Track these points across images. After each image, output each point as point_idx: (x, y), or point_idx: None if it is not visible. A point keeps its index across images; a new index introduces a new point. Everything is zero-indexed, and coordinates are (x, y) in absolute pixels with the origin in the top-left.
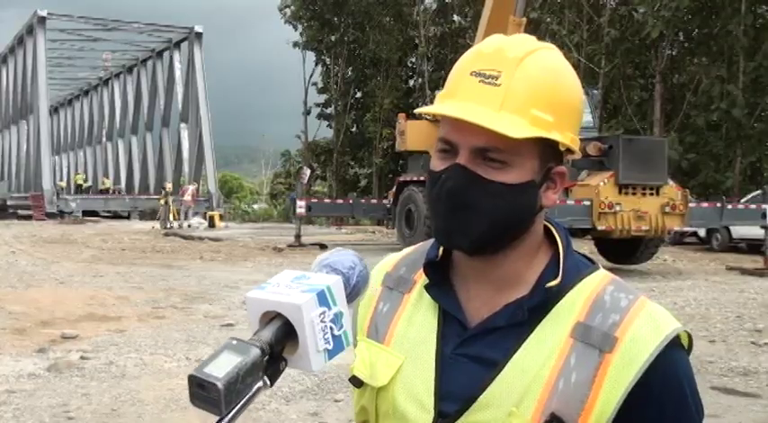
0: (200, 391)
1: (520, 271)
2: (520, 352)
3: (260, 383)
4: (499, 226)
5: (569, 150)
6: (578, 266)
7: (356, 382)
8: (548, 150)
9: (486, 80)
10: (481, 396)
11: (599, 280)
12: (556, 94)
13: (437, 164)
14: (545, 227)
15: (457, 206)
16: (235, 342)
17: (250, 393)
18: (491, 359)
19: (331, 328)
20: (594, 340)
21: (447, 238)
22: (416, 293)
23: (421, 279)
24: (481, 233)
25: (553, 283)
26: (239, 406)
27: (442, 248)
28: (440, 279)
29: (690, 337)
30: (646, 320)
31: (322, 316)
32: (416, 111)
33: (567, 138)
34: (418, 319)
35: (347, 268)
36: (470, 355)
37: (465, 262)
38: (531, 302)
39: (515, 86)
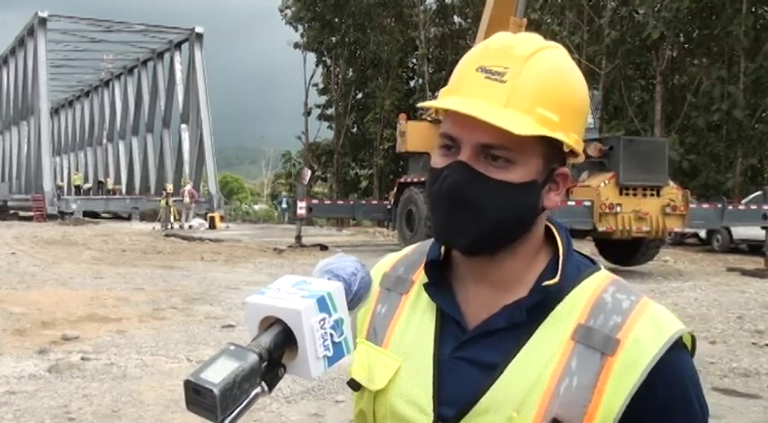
0: (196, 396)
1: (520, 272)
2: (520, 355)
3: (258, 390)
4: (500, 226)
5: (573, 152)
6: (579, 267)
7: (354, 385)
8: (552, 151)
9: (492, 76)
10: (480, 400)
11: (600, 280)
12: (562, 94)
13: (438, 160)
14: (546, 227)
15: (457, 204)
16: (233, 347)
17: (247, 400)
18: (490, 362)
19: (331, 335)
20: (596, 343)
21: (446, 236)
22: (414, 294)
23: (419, 279)
24: (481, 232)
25: (550, 282)
26: (236, 412)
27: (443, 248)
28: (439, 279)
29: (693, 338)
30: (648, 322)
31: (322, 322)
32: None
33: (571, 139)
34: (416, 321)
35: (349, 274)
36: (469, 358)
37: (464, 262)
38: (528, 303)
39: (522, 84)
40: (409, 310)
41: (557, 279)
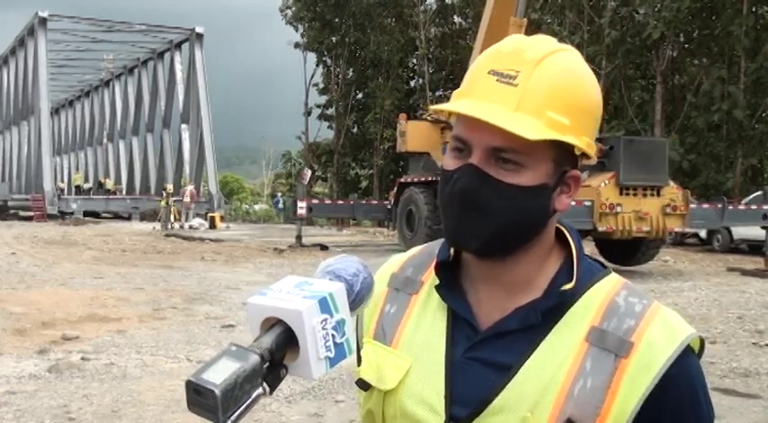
0: (197, 396)
1: (531, 275)
2: (534, 356)
3: (259, 390)
4: (510, 229)
5: (585, 155)
6: (591, 270)
7: (363, 385)
8: (563, 154)
9: (504, 80)
10: (494, 401)
11: (612, 284)
12: (573, 96)
13: (450, 163)
14: (556, 229)
15: (468, 207)
16: (234, 348)
17: (248, 401)
18: (503, 363)
19: (333, 336)
20: (610, 345)
21: (457, 238)
22: (424, 295)
23: (429, 280)
24: (491, 235)
25: (568, 287)
26: (237, 413)
27: (453, 250)
28: (450, 280)
29: (702, 341)
30: (661, 326)
31: (324, 323)
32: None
33: (582, 142)
34: (427, 322)
35: (351, 275)
36: (482, 359)
37: (475, 264)
38: (544, 305)
39: (532, 87)
40: (419, 311)
41: (573, 284)
